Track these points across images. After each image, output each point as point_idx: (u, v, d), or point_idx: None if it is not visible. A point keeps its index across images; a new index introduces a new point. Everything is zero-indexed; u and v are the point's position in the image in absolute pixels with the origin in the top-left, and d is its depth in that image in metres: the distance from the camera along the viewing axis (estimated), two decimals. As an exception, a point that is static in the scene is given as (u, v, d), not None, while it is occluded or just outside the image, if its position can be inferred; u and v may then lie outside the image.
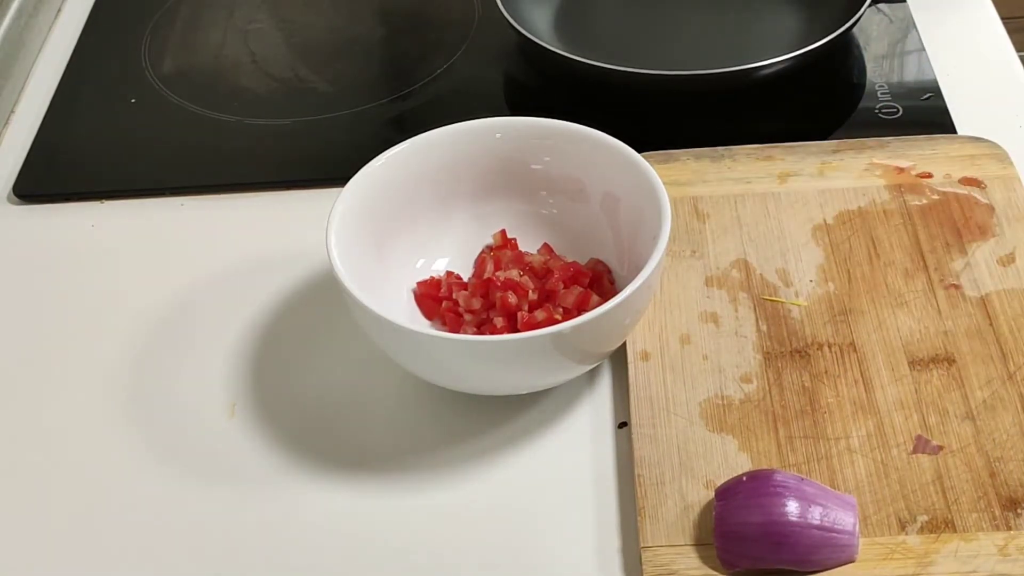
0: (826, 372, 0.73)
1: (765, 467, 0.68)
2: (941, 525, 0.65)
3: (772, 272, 0.80)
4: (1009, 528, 0.65)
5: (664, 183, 0.73)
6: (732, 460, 0.69)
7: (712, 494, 0.66)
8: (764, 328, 0.76)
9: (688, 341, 0.76)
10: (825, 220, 0.82)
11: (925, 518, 0.65)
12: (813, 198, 0.84)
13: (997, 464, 0.68)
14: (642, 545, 0.65)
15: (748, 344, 0.75)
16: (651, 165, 0.75)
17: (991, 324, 0.75)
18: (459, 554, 0.68)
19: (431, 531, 0.69)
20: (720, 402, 0.72)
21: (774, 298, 0.78)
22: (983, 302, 0.76)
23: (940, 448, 0.69)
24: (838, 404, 0.71)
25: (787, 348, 0.75)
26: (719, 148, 0.88)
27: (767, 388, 0.73)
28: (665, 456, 0.70)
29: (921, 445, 0.69)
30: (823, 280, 0.79)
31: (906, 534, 0.65)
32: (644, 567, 0.65)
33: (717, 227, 0.83)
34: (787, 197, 0.84)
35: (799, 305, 0.77)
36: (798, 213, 0.83)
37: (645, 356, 0.75)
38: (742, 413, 0.72)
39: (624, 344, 0.75)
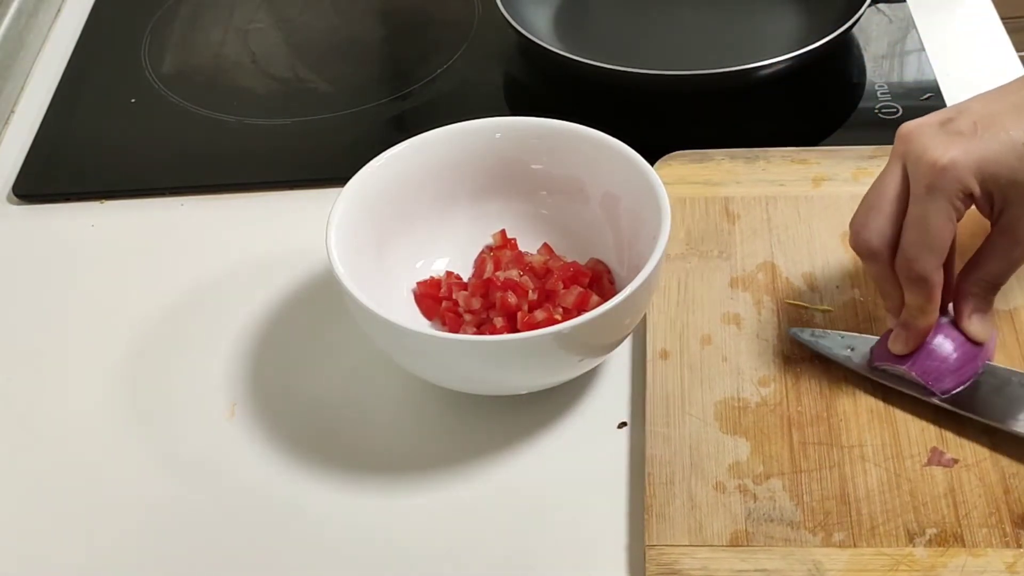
0: (844, 379, 0.73)
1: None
2: (950, 539, 0.64)
3: (798, 276, 0.79)
4: (1019, 545, 0.64)
5: (696, 182, 0.73)
6: (743, 462, 0.69)
7: (720, 495, 0.67)
8: (786, 332, 0.76)
9: (709, 342, 0.75)
10: None
11: (934, 531, 0.65)
12: (846, 203, 0.82)
13: (1012, 480, 0.67)
14: (647, 543, 0.65)
15: (769, 347, 0.75)
16: (684, 164, 0.74)
17: (1017, 338, 0.74)
18: (460, 553, 0.68)
19: (434, 530, 0.69)
20: (736, 404, 0.72)
21: (798, 302, 0.77)
22: (1011, 315, 0.75)
23: (955, 461, 0.68)
24: (855, 412, 0.71)
25: (807, 353, 0.74)
26: (754, 149, 0.87)
27: (784, 392, 0.72)
28: (676, 455, 0.69)
29: (936, 457, 0.68)
30: (849, 286, 0.78)
31: (914, 546, 0.64)
32: (648, 565, 0.64)
33: (747, 228, 0.82)
34: (820, 201, 0.84)
35: (823, 310, 0.77)
36: (830, 218, 0.82)
37: (664, 354, 0.75)
38: (757, 416, 0.71)
39: (634, 342, 0.75)
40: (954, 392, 0.70)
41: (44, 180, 0.95)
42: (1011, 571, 0.63)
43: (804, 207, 0.83)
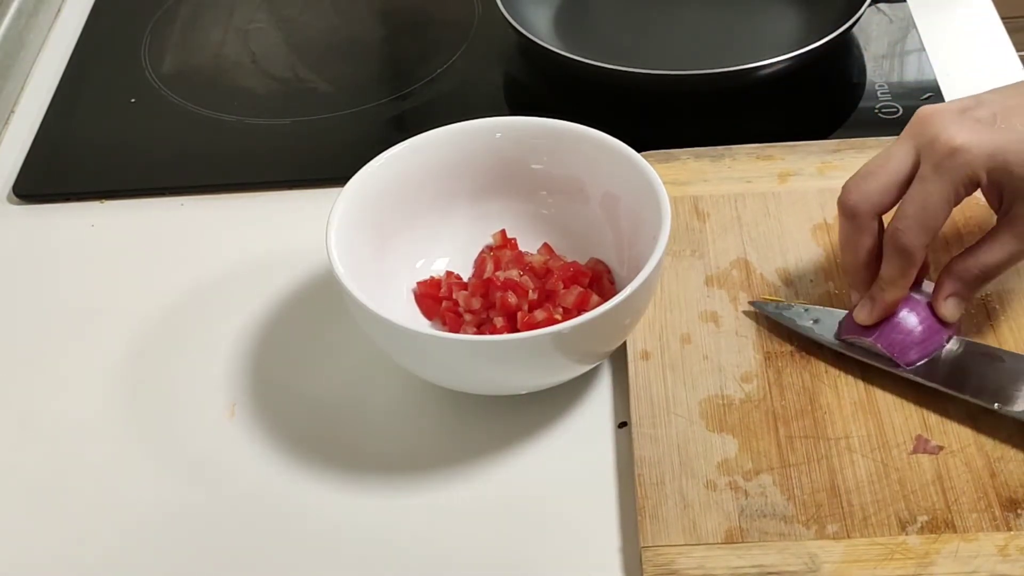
0: (826, 371, 0.73)
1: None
2: (941, 525, 0.65)
3: (772, 272, 0.80)
4: (1009, 528, 0.65)
5: (664, 182, 0.73)
6: (732, 460, 0.69)
7: (712, 493, 0.67)
8: (764, 328, 0.76)
9: (688, 341, 0.76)
10: (825, 220, 0.82)
11: (925, 518, 0.65)
12: (813, 198, 0.84)
13: (997, 464, 0.68)
14: (642, 545, 0.65)
15: (748, 344, 0.75)
16: (651, 164, 0.75)
17: (991, 324, 0.75)
18: (459, 554, 0.68)
19: (431, 531, 0.69)
20: (720, 402, 0.72)
21: (774, 297, 0.78)
22: (983, 303, 0.76)
23: (940, 448, 0.69)
24: (838, 404, 0.71)
25: (787, 348, 0.75)
26: (719, 147, 0.88)
27: (767, 388, 0.73)
28: (665, 456, 0.70)
29: (921, 445, 0.69)
30: (823, 279, 0.79)
31: (906, 534, 0.65)
32: (644, 567, 0.65)
33: (717, 226, 0.83)
34: (787, 196, 0.84)
35: (799, 304, 0.77)
36: (798, 213, 0.83)
37: (645, 356, 0.75)
38: (742, 413, 0.72)
39: (624, 344, 0.75)
40: (918, 364, 0.71)
41: (44, 180, 0.95)
42: (1003, 554, 0.63)
43: (772, 203, 0.84)
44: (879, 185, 0.69)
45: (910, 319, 0.71)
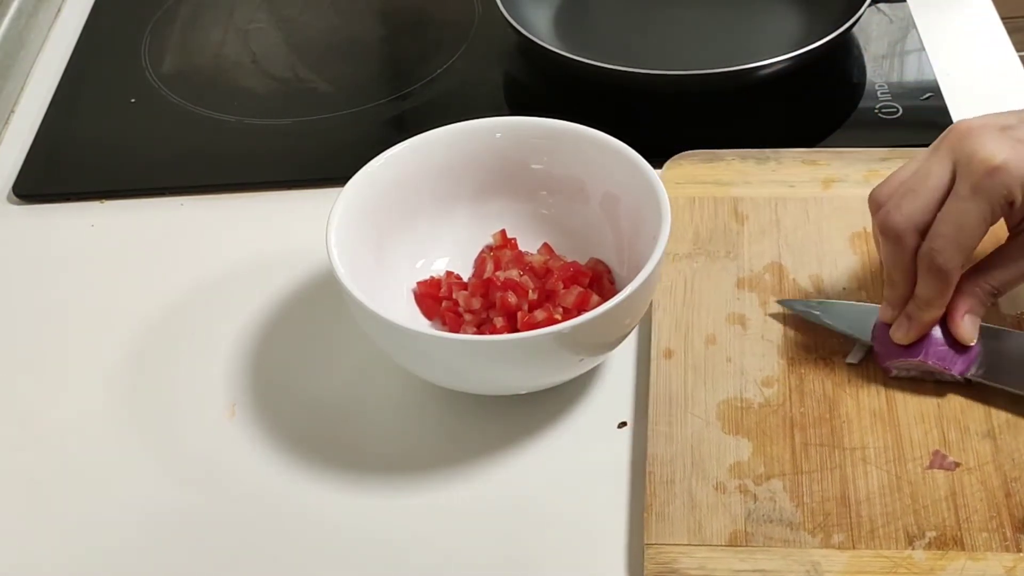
0: (848, 381, 0.72)
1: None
2: (950, 542, 0.64)
3: (805, 277, 0.79)
4: (1019, 550, 0.64)
5: (706, 182, 0.73)
6: (744, 463, 0.69)
7: (720, 495, 0.67)
8: (791, 333, 0.75)
9: (713, 342, 0.75)
10: (866, 228, 0.80)
11: (934, 534, 0.65)
12: (856, 205, 0.82)
13: (1013, 484, 0.67)
14: (646, 542, 0.65)
15: (773, 348, 0.75)
16: (695, 164, 0.74)
17: None
18: (459, 554, 0.68)
19: (434, 530, 0.69)
20: (739, 404, 0.72)
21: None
22: (1019, 320, 0.75)
23: (957, 465, 0.68)
24: (858, 414, 0.71)
25: (812, 355, 0.74)
26: (765, 150, 0.87)
27: (788, 393, 0.72)
28: (678, 455, 0.69)
29: (938, 460, 0.68)
30: (856, 288, 0.78)
31: (913, 549, 0.64)
32: (646, 564, 0.64)
33: (755, 229, 0.82)
34: (829, 203, 0.83)
35: None
36: (839, 219, 0.82)
37: (668, 354, 0.75)
38: (760, 417, 0.71)
39: (635, 342, 0.75)
40: (969, 370, 0.71)
41: (44, 180, 0.95)
42: (1010, 575, 0.63)
43: (813, 209, 0.83)
44: (922, 204, 0.67)
45: (942, 332, 0.71)
